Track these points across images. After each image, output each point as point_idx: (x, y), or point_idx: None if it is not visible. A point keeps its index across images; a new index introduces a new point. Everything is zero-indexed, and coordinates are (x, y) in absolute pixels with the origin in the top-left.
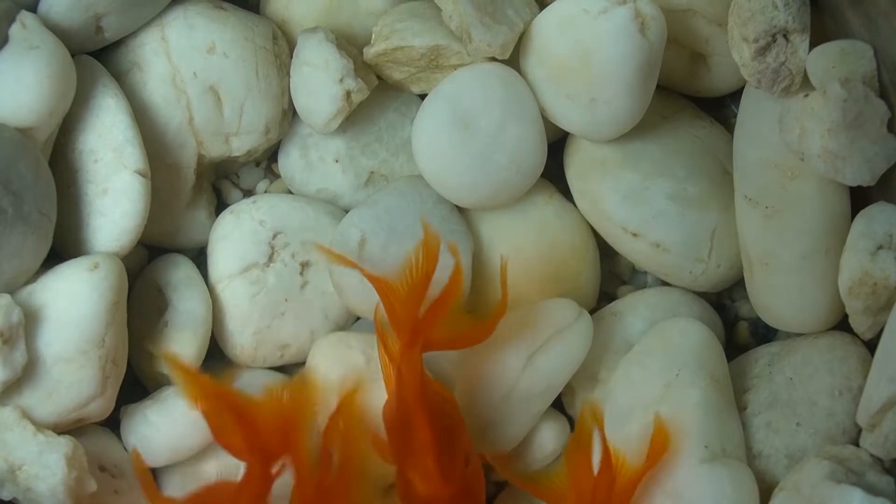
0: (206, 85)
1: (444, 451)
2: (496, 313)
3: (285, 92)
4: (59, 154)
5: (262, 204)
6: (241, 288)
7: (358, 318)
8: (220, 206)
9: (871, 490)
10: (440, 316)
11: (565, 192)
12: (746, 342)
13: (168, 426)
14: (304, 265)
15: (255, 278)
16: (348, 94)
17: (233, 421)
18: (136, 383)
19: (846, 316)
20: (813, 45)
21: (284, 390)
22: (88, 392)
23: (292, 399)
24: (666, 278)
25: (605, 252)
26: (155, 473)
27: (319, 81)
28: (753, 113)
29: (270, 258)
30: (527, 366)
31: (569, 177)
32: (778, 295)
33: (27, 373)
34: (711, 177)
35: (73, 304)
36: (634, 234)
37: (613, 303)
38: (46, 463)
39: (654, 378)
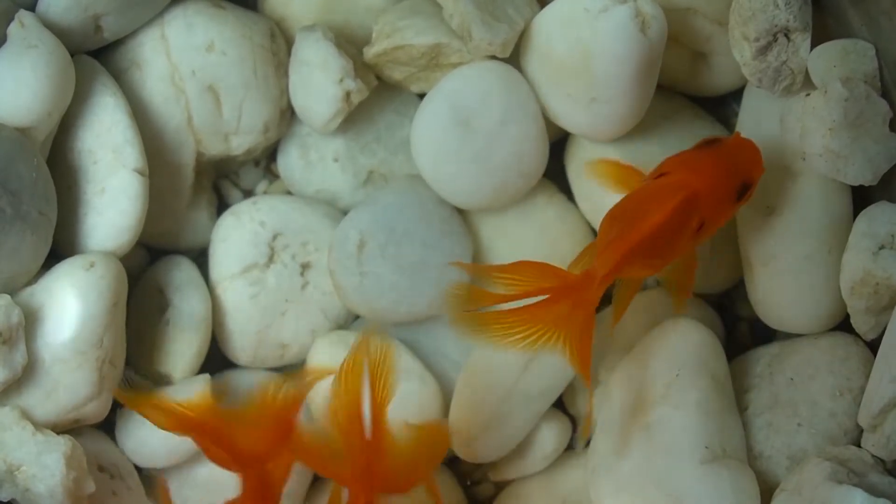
0: (204, 83)
1: None
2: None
3: (284, 91)
4: (58, 153)
5: (262, 205)
6: (241, 289)
7: (357, 317)
8: (221, 206)
9: (872, 491)
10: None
11: (567, 192)
12: (747, 343)
13: None
14: (305, 266)
15: (255, 279)
16: (348, 94)
17: (207, 434)
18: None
19: (848, 316)
20: (814, 44)
21: (275, 387)
22: (85, 393)
23: (283, 395)
24: None
25: None
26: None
27: (318, 81)
28: (755, 112)
29: (270, 259)
30: (527, 366)
31: (570, 177)
32: (778, 295)
33: (25, 373)
34: None
35: (71, 304)
36: None
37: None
38: (45, 463)
39: (654, 378)
